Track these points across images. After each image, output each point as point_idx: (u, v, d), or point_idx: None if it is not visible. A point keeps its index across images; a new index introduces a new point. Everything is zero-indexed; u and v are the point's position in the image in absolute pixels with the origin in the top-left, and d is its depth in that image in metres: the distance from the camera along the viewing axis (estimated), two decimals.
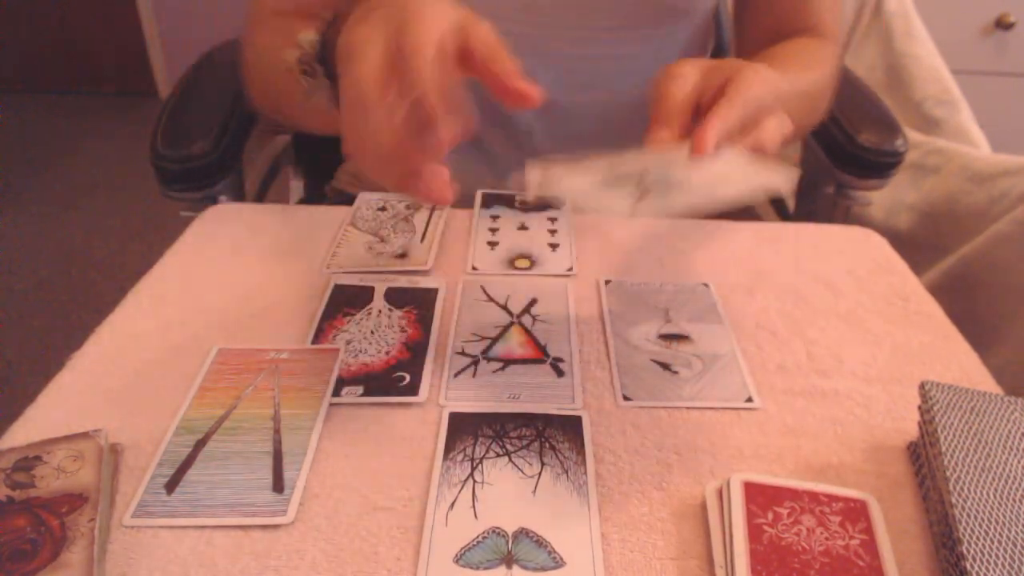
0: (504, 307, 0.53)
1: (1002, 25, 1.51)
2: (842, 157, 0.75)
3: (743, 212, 0.84)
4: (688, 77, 0.43)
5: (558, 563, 0.35)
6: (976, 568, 0.32)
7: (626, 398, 0.45)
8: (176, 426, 0.42)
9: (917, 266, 0.62)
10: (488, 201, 0.67)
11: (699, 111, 0.43)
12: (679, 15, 0.68)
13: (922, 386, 0.41)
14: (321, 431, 0.42)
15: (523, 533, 0.37)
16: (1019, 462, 0.37)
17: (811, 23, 0.70)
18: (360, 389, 0.45)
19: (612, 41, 0.67)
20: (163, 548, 0.36)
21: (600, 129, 0.72)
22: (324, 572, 0.35)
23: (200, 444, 0.41)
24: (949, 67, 1.08)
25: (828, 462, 0.42)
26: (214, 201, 0.70)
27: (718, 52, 0.77)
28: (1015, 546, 0.33)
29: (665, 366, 0.48)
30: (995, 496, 0.35)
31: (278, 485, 0.39)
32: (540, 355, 0.49)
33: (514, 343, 0.50)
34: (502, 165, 0.76)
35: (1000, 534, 0.34)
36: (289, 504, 0.38)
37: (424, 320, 0.51)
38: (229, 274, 0.56)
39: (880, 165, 0.74)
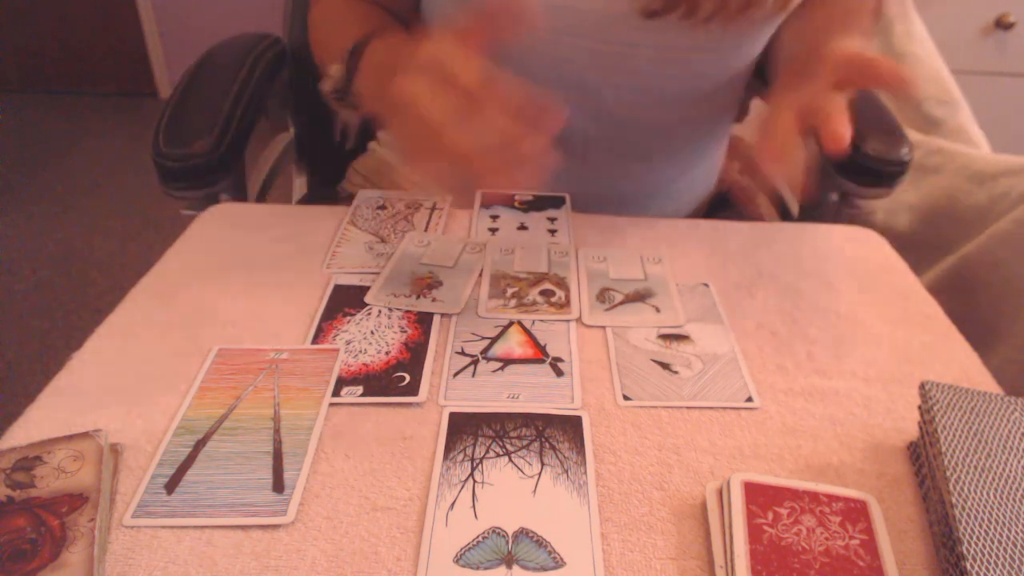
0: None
1: (1002, 25, 1.51)
2: (847, 166, 0.74)
3: (743, 212, 0.84)
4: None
5: (558, 563, 0.35)
6: (976, 568, 0.32)
7: (626, 398, 0.46)
8: (176, 426, 0.42)
9: (917, 266, 0.62)
10: (488, 200, 0.67)
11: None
12: (757, 31, 0.66)
13: (922, 386, 0.41)
14: (321, 431, 0.42)
15: (523, 533, 0.37)
16: (1019, 462, 0.37)
17: None
18: (360, 389, 0.45)
19: (686, 61, 0.65)
20: (163, 548, 0.36)
21: (658, 144, 0.72)
22: (324, 572, 0.35)
23: (200, 444, 0.41)
24: (949, 67, 1.08)
25: (828, 462, 0.42)
26: (216, 200, 0.70)
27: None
28: (1015, 546, 0.33)
29: (665, 366, 0.48)
30: (995, 496, 0.35)
31: (278, 485, 0.39)
32: (540, 355, 0.49)
33: (513, 343, 0.50)
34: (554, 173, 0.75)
35: (1000, 534, 0.34)
36: (289, 504, 0.38)
37: (424, 320, 0.51)
38: (229, 274, 0.56)
39: (886, 174, 0.73)
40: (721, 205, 0.86)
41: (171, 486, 0.39)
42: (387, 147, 0.82)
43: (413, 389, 0.45)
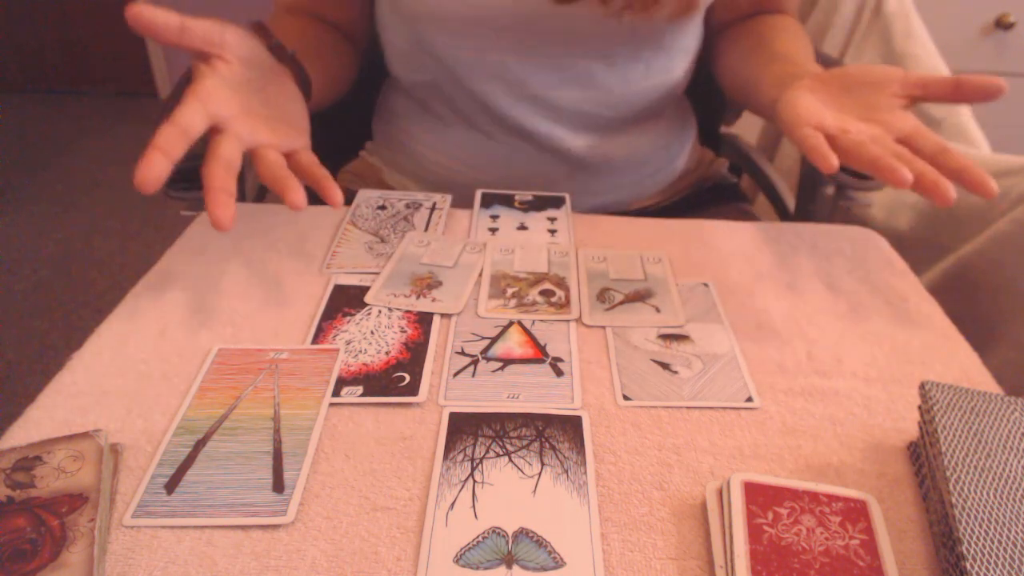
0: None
1: (1002, 25, 1.51)
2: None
3: (743, 212, 0.84)
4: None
5: (558, 563, 0.35)
6: (976, 568, 0.32)
7: (626, 398, 0.46)
8: (176, 426, 0.42)
9: (917, 266, 0.62)
10: (487, 201, 0.67)
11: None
12: (674, 30, 0.69)
13: (922, 386, 0.41)
14: (321, 431, 0.42)
15: (523, 533, 0.37)
16: (1019, 462, 0.37)
17: (781, 6, 0.77)
18: (360, 389, 0.45)
19: (603, 41, 0.67)
20: (163, 548, 0.36)
21: (590, 124, 0.73)
22: (324, 572, 0.35)
23: (200, 444, 0.41)
24: (949, 67, 1.08)
25: (828, 462, 0.42)
26: None
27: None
28: (1015, 546, 0.33)
29: (665, 366, 0.48)
30: (995, 496, 0.35)
31: (278, 485, 0.39)
32: (540, 355, 0.49)
33: (513, 343, 0.50)
34: (501, 154, 0.75)
35: (1000, 534, 0.34)
36: (289, 504, 0.38)
37: (424, 320, 0.51)
38: (229, 274, 0.56)
39: None
40: (720, 204, 0.86)
41: (171, 486, 0.39)
42: (374, 154, 0.85)
43: (413, 389, 0.45)
